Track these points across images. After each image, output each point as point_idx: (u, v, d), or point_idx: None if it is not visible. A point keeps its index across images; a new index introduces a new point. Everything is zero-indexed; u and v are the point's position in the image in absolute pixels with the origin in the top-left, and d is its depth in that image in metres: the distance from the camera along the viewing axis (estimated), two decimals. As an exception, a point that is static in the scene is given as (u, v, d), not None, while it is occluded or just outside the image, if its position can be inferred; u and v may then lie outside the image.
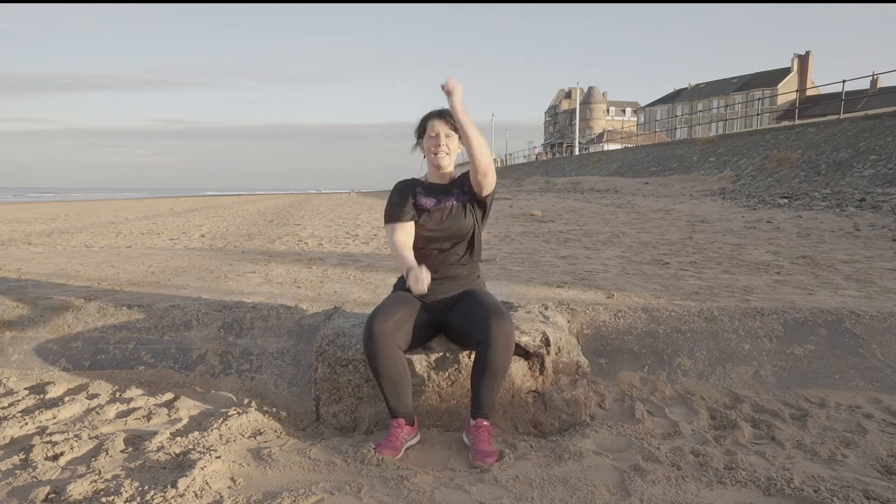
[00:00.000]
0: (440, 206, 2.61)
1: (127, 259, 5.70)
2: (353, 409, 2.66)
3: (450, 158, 2.62)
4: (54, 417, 2.65)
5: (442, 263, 2.59)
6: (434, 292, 2.56)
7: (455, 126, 2.57)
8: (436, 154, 2.58)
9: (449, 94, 2.36)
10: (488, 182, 2.57)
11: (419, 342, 2.58)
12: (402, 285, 2.65)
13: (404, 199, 2.64)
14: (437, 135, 2.58)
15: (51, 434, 2.46)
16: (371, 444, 2.34)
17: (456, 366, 2.58)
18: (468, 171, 2.64)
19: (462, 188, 2.65)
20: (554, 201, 15.09)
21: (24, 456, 2.27)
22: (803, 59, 64.30)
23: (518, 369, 2.57)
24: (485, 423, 2.38)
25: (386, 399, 2.43)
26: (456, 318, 2.53)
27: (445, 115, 2.59)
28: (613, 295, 3.79)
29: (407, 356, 2.50)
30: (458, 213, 2.61)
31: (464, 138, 2.49)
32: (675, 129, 59.70)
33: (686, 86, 76.07)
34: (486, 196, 2.63)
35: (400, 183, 2.74)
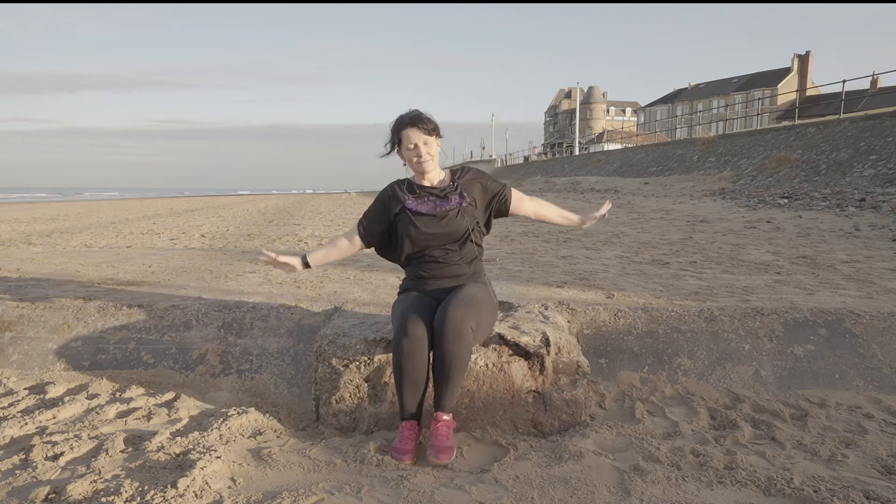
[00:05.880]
0: (437, 211, 2.56)
1: (127, 259, 5.70)
2: (353, 409, 2.65)
3: (434, 162, 2.57)
4: (54, 417, 2.65)
5: (444, 266, 2.57)
6: (439, 288, 2.57)
7: (430, 129, 2.52)
8: (419, 163, 2.53)
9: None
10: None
11: None
12: (408, 285, 2.66)
13: (381, 214, 2.64)
14: (416, 146, 2.51)
15: (51, 434, 2.46)
16: (371, 444, 2.34)
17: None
18: (471, 177, 2.63)
19: (462, 195, 2.59)
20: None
21: (24, 456, 2.27)
22: (803, 59, 64.29)
23: (518, 369, 2.57)
24: (444, 417, 2.33)
25: (403, 399, 2.38)
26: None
27: (417, 122, 2.51)
28: (613, 295, 3.79)
29: None
30: (455, 218, 2.55)
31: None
32: (675, 129, 59.66)
33: (686, 86, 76.05)
34: (513, 215, 2.78)
35: (389, 187, 2.69)
